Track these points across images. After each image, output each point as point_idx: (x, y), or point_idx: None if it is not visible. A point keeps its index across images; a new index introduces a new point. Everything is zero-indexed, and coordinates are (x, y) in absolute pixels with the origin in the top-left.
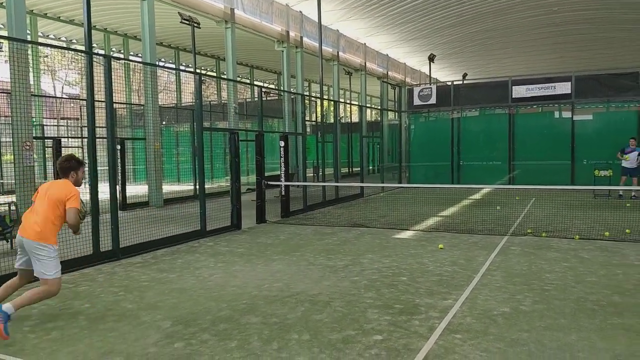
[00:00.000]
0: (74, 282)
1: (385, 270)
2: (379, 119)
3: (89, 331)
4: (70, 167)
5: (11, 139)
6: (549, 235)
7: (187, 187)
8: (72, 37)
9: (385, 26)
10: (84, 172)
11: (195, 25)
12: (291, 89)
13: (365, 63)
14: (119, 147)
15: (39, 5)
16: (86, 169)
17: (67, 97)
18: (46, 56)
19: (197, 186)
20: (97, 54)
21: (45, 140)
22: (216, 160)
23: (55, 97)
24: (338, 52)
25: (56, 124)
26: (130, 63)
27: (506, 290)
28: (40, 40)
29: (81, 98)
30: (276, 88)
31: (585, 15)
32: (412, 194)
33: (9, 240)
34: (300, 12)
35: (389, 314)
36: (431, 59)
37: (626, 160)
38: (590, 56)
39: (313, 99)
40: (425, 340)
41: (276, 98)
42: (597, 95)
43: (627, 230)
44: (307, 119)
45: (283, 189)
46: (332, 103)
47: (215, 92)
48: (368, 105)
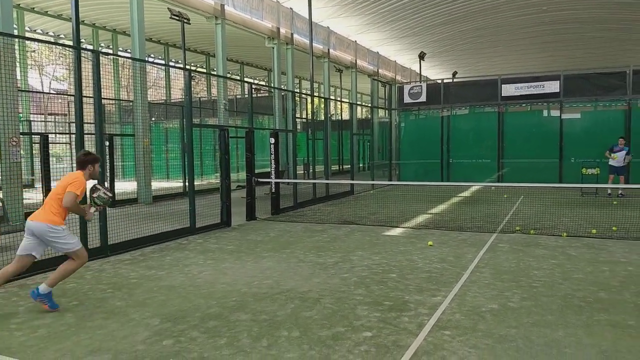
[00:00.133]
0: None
1: (375, 267)
2: (370, 116)
3: (76, 329)
4: (87, 161)
5: None
6: (537, 232)
7: (177, 184)
8: (60, 32)
9: (376, 24)
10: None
11: (185, 21)
12: (282, 86)
13: (355, 60)
14: (107, 144)
15: None
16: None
17: (55, 93)
18: (33, 51)
19: (187, 183)
20: (85, 49)
21: (33, 136)
22: (206, 157)
23: (43, 93)
24: (329, 50)
25: (44, 119)
26: (119, 59)
27: (495, 287)
28: (28, 34)
29: (69, 94)
30: (267, 85)
31: (574, 14)
32: (402, 191)
33: None
34: (290, 9)
35: (378, 311)
36: (421, 57)
37: (614, 159)
38: (578, 55)
39: (304, 96)
40: (415, 336)
41: (267, 95)
42: (585, 94)
43: (614, 228)
44: (298, 116)
45: (273, 186)
46: (323, 100)
47: (205, 89)
48: (359, 102)
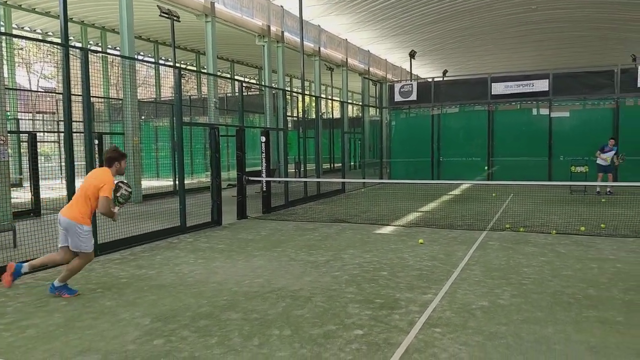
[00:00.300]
0: (50, 279)
1: (366, 265)
2: (361, 115)
3: (65, 329)
4: (114, 158)
5: None
6: (526, 230)
7: (167, 183)
8: (48, 30)
9: (367, 22)
10: (126, 163)
11: (174, 18)
12: (272, 84)
13: (346, 59)
14: (96, 142)
15: None
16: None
17: (43, 91)
18: (21, 48)
19: (177, 182)
20: (74, 47)
21: (21, 134)
22: (196, 156)
23: (31, 91)
24: (319, 48)
25: (32, 118)
26: (109, 56)
27: (485, 284)
28: (15, 32)
29: (57, 92)
30: (257, 83)
31: (563, 13)
32: (393, 189)
33: None
34: (281, 7)
35: (369, 309)
36: (412, 55)
37: (606, 161)
38: (567, 54)
39: (295, 94)
40: (406, 334)
41: (257, 93)
42: (574, 93)
43: (602, 225)
44: (289, 114)
45: (264, 184)
46: (314, 99)
47: (196, 87)
48: (350, 101)
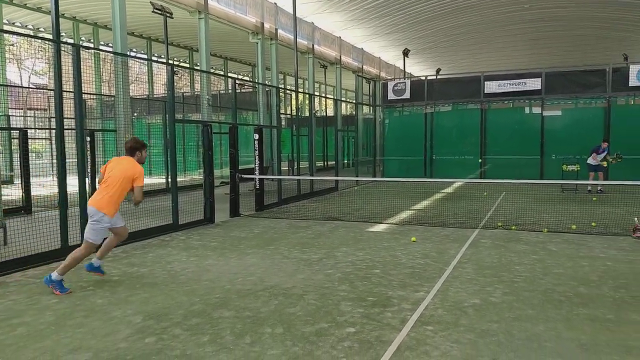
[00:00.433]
0: (41, 277)
1: (359, 263)
2: (354, 113)
3: (56, 327)
4: (136, 148)
5: None
6: (518, 228)
7: (159, 180)
8: (40, 25)
9: (361, 20)
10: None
11: (167, 15)
12: (266, 82)
13: (340, 56)
14: (88, 139)
15: None
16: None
17: (35, 87)
18: (12, 44)
19: (169, 179)
20: (66, 43)
21: (11, 131)
22: (189, 153)
23: (22, 87)
24: (313, 45)
25: (23, 114)
26: (101, 53)
27: (477, 282)
28: (6, 27)
29: (49, 88)
30: (251, 80)
31: (555, 12)
32: (386, 187)
33: None
34: (275, 4)
35: (362, 307)
36: (405, 53)
37: (603, 165)
38: (559, 53)
39: (288, 91)
40: (398, 332)
41: (251, 90)
42: (566, 92)
43: (593, 224)
44: (282, 112)
45: (257, 182)
46: (307, 96)
47: (188, 84)
48: (343, 99)
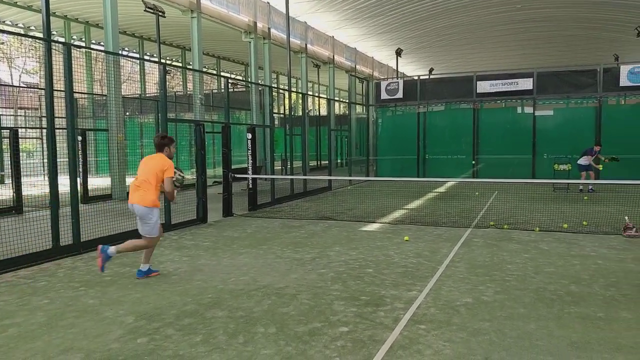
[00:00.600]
0: (32, 278)
1: (352, 262)
2: (347, 112)
3: (47, 328)
4: (164, 144)
5: None
6: (510, 227)
7: None
8: (31, 24)
9: (354, 19)
10: (175, 148)
11: (159, 14)
12: (259, 81)
13: (333, 56)
14: (80, 139)
15: None
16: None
17: (25, 86)
18: (2, 43)
19: None
20: (57, 42)
21: (2, 130)
22: (181, 153)
23: (13, 86)
24: (306, 45)
25: (13, 114)
26: (92, 52)
27: (469, 281)
28: None
29: (40, 87)
30: (244, 79)
31: (547, 13)
32: (379, 187)
33: None
34: (267, 3)
35: (355, 306)
36: (398, 53)
37: (599, 169)
38: (551, 53)
39: (281, 91)
40: (391, 331)
41: (244, 90)
42: (558, 92)
43: (584, 222)
44: (275, 111)
45: (250, 181)
46: (301, 96)
47: (181, 83)
48: (336, 98)
